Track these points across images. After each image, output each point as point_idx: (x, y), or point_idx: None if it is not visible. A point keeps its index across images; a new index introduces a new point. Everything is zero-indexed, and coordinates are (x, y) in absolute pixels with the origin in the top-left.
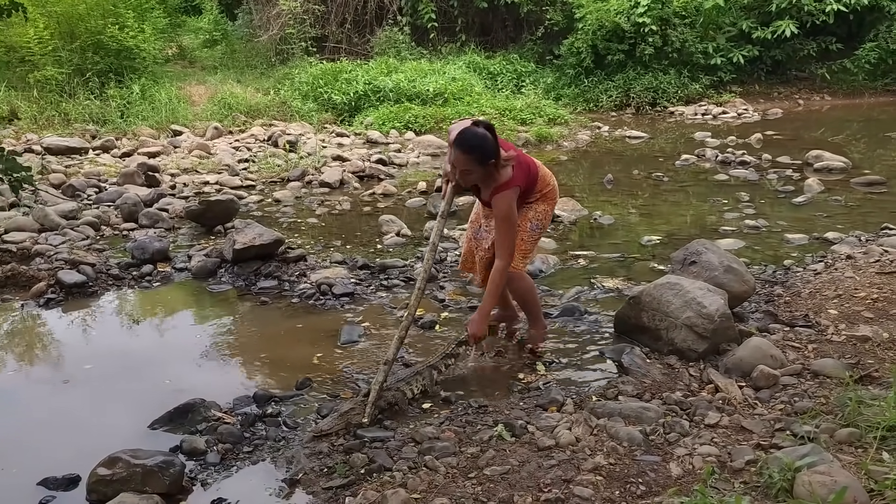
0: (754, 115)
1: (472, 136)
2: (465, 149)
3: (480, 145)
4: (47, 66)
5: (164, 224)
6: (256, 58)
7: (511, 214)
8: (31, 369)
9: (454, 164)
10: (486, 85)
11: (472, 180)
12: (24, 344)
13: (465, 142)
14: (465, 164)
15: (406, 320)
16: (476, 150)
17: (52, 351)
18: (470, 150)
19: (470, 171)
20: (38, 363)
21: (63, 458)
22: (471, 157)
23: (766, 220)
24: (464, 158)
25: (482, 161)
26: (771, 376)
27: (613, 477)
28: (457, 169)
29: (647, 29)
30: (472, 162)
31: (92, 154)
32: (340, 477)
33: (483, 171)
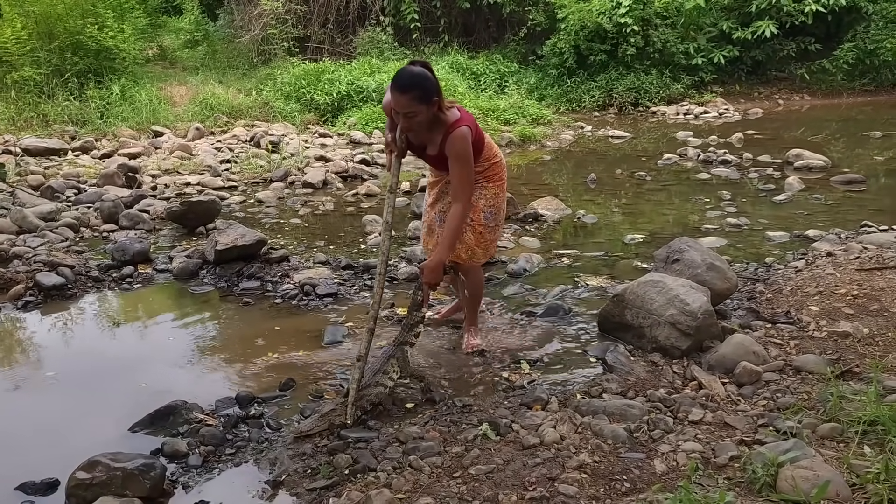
0: (735, 114)
1: (409, 73)
2: (404, 87)
3: (420, 82)
4: (25, 66)
5: (145, 225)
6: (238, 58)
7: (467, 152)
8: (8, 373)
9: (396, 109)
10: (470, 85)
11: (419, 125)
12: (1, 348)
13: (402, 80)
14: (407, 105)
15: (373, 310)
16: (416, 87)
17: (31, 354)
18: (410, 87)
19: (414, 112)
20: (16, 367)
21: (42, 462)
22: (412, 96)
23: (747, 218)
24: (405, 99)
25: (425, 98)
26: (753, 372)
27: (598, 474)
28: (399, 115)
29: (629, 29)
30: (415, 101)
31: (71, 155)
32: (324, 478)
33: (427, 112)
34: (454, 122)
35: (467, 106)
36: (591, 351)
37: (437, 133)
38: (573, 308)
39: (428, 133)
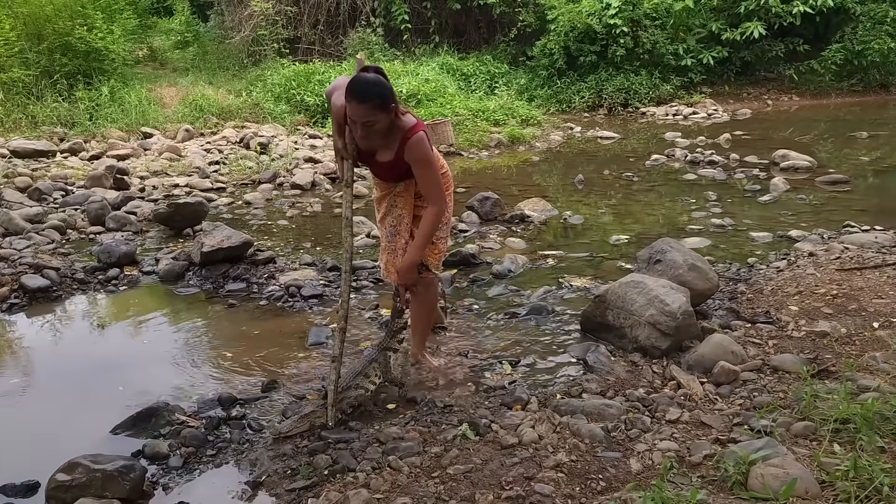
0: (724, 115)
1: (366, 81)
2: (363, 95)
3: (379, 90)
4: (14, 67)
5: (132, 227)
6: (228, 59)
7: (430, 154)
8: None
9: (353, 119)
10: (460, 86)
11: (377, 133)
12: None
13: (360, 89)
14: (366, 114)
15: (342, 309)
16: (375, 95)
17: (14, 356)
18: (368, 96)
19: (373, 121)
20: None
21: (22, 464)
22: (371, 105)
23: (732, 218)
24: (364, 109)
25: (383, 106)
26: (731, 372)
27: (574, 473)
28: (356, 125)
29: (619, 30)
30: (374, 109)
31: (60, 157)
32: (304, 478)
33: (386, 120)
34: (411, 128)
35: (457, 107)
36: (572, 351)
37: (393, 139)
38: (556, 309)
39: (382, 139)
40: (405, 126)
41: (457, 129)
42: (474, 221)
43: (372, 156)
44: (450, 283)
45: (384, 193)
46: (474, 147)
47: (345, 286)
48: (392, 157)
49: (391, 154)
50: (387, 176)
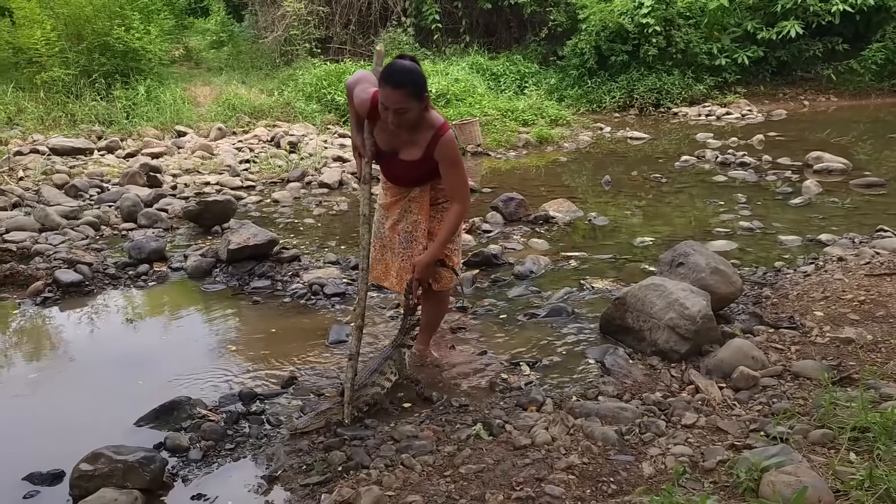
0: (758, 116)
1: (403, 67)
2: (399, 81)
3: (415, 77)
4: (54, 67)
5: (163, 224)
6: (261, 59)
7: (460, 155)
8: (23, 366)
9: (386, 105)
10: (489, 86)
11: (406, 124)
12: (18, 342)
13: (396, 75)
14: (400, 100)
15: (358, 307)
16: (410, 82)
17: (46, 348)
18: (404, 82)
19: (406, 108)
20: (32, 360)
21: (49, 453)
22: (406, 91)
23: (761, 221)
24: (398, 95)
25: (418, 94)
26: (751, 377)
27: (586, 476)
28: (388, 112)
29: (651, 30)
30: (408, 97)
31: (97, 155)
32: (318, 474)
33: (418, 109)
34: (442, 126)
35: (486, 107)
36: (590, 353)
37: (421, 134)
38: (576, 310)
39: (408, 135)
40: (435, 123)
41: (485, 129)
42: (498, 222)
43: (394, 155)
44: (471, 284)
45: (397, 198)
46: (502, 147)
47: (362, 284)
48: (420, 154)
49: (419, 152)
50: (404, 178)
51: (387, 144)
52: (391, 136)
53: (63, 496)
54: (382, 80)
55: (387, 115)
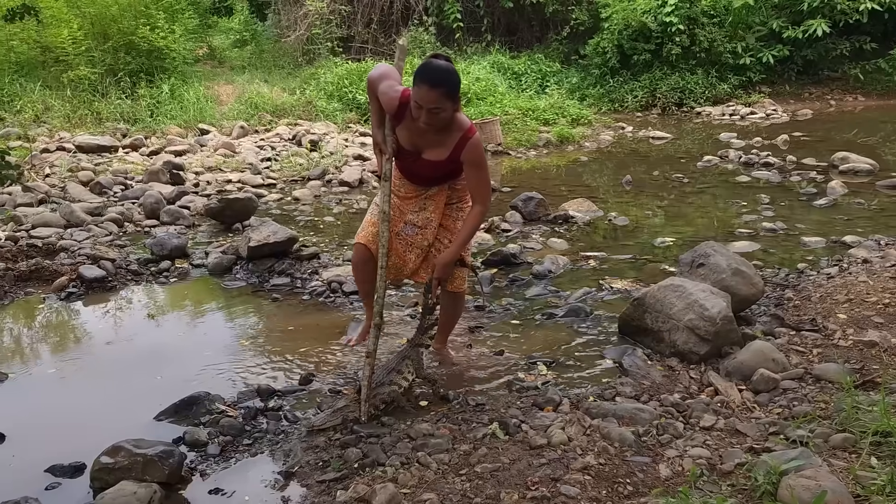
0: (783, 115)
1: (440, 67)
2: (435, 81)
3: (451, 77)
4: (81, 65)
5: (185, 221)
6: (284, 58)
7: (485, 158)
8: (47, 360)
9: (420, 104)
10: (510, 85)
11: (438, 123)
12: (42, 336)
13: (434, 74)
14: (435, 100)
15: (376, 305)
16: (447, 82)
17: (69, 343)
18: (441, 82)
19: (440, 108)
20: (55, 354)
21: (71, 446)
22: (442, 92)
23: (784, 222)
24: (434, 94)
25: (453, 94)
26: (771, 380)
27: (602, 477)
28: (421, 111)
29: (675, 28)
30: (443, 97)
31: (121, 152)
32: (334, 471)
33: (451, 110)
34: (470, 128)
35: (507, 106)
36: (608, 354)
37: (449, 135)
38: (595, 310)
39: (436, 135)
40: (463, 125)
41: (505, 128)
42: (517, 221)
43: (418, 154)
44: (489, 283)
45: (414, 195)
46: (522, 146)
47: (380, 282)
48: (446, 155)
49: (445, 152)
50: (425, 178)
51: (411, 143)
52: (418, 135)
53: (84, 488)
54: (418, 78)
55: (420, 114)
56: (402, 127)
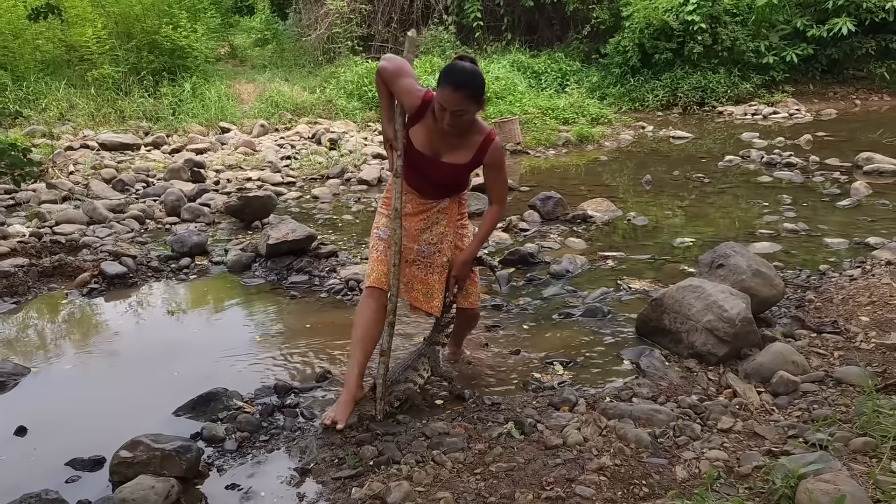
0: (807, 115)
1: (466, 69)
2: (462, 83)
3: (477, 79)
4: (105, 64)
5: (205, 219)
6: (304, 57)
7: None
8: (68, 355)
9: (444, 106)
10: (530, 84)
11: (462, 125)
12: (64, 331)
13: (461, 76)
14: (460, 103)
15: (390, 303)
16: (473, 84)
17: (90, 338)
18: (467, 84)
19: (464, 111)
20: (76, 349)
21: (91, 440)
22: (467, 94)
23: (806, 223)
24: (459, 97)
25: (478, 97)
26: (791, 382)
27: (617, 478)
28: (445, 113)
29: (697, 27)
30: (468, 99)
31: (143, 150)
32: (349, 468)
33: (475, 113)
34: (491, 131)
35: (526, 105)
36: (625, 354)
37: (471, 138)
38: (612, 311)
39: (456, 139)
40: (484, 129)
41: (525, 127)
42: (536, 220)
43: (435, 158)
44: (507, 282)
45: (423, 210)
46: (542, 146)
47: (394, 280)
48: (468, 159)
49: (467, 156)
50: (438, 186)
51: (429, 147)
52: (437, 138)
53: (103, 482)
54: (443, 80)
55: (443, 117)
56: (419, 129)
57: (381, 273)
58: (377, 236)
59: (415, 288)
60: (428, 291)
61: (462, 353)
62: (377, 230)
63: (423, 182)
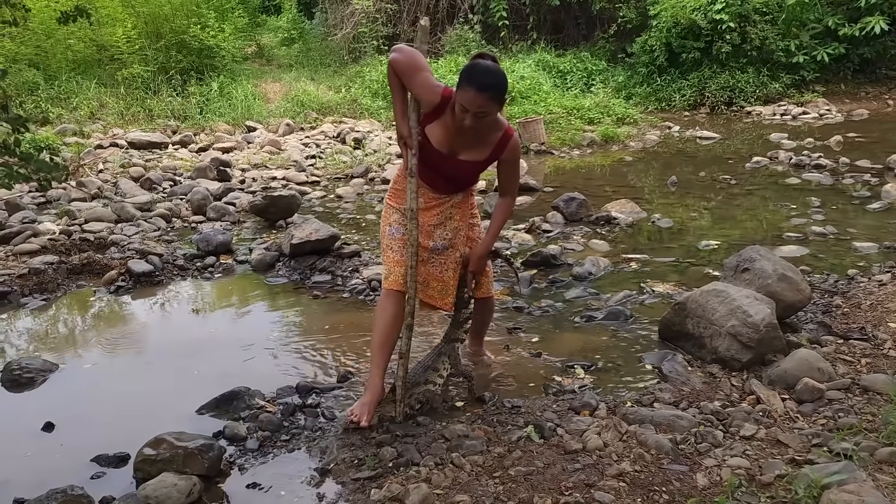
0: (837, 115)
1: (489, 69)
2: (486, 85)
3: (501, 80)
4: (134, 64)
5: (230, 217)
6: (330, 56)
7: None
8: (95, 352)
9: (466, 107)
10: (555, 83)
11: (484, 125)
12: (92, 328)
13: (485, 77)
14: (483, 104)
15: (408, 305)
16: (496, 86)
17: (117, 336)
18: (491, 86)
19: (487, 112)
20: (103, 346)
21: (116, 436)
22: (491, 95)
23: (835, 226)
24: (483, 98)
25: (501, 98)
26: (816, 390)
27: (637, 484)
28: (466, 114)
29: (725, 26)
30: (491, 101)
31: (171, 149)
32: (369, 469)
33: (497, 113)
34: (509, 127)
35: (551, 105)
36: (647, 358)
37: (490, 138)
38: (635, 314)
39: (475, 137)
40: (503, 125)
41: (549, 127)
42: (559, 222)
43: (452, 156)
44: (528, 284)
45: (436, 204)
46: (566, 146)
47: (411, 281)
48: (486, 155)
49: (485, 152)
50: (454, 182)
51: (446, 145)
52: (456, 136)
53: (127, 478)
54: (465, 81)
55: (464, 117)
56: (437, 126)
57: (400, 275)
58: (390, 234)
59: (430, 286)
60: (443, 289)
61: (483, 355)
62: (390, 227)
63: (437, 177)
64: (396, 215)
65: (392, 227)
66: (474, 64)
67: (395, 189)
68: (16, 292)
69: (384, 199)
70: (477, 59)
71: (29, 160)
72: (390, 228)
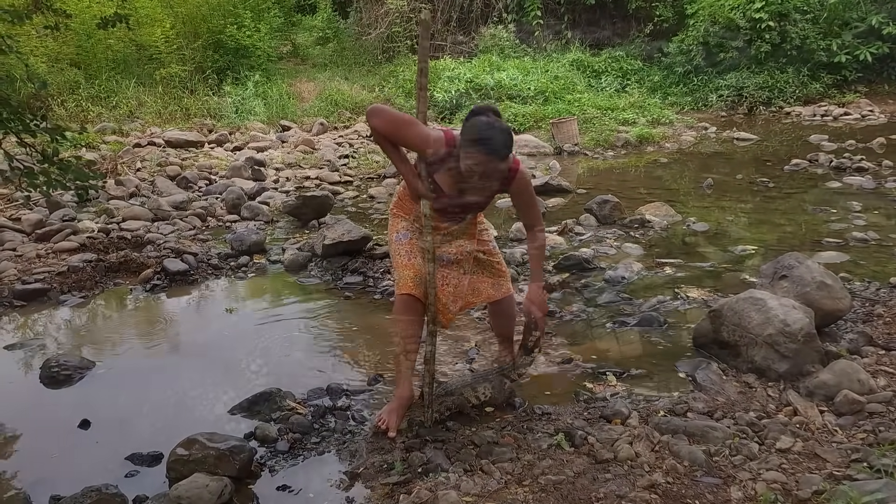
0: (880, 116)
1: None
2: (496, 150)
3: (507, 142)
4: (172, 63)
5: (264, 217)
6: (364, 55)
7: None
8: (131, 350)
9: (474, 170)
10: (590, 83)
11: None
12: (128, 326)
13: (494, 142)
14: (493, 167)
15: (429, 311)
16: (504, 147)
17: (152, 334)
18: (498, 149)
19: (495, 171)
20: (139, 345)
21: (150, 435)
22: (500, 157)
23: (877, 232)
24: (493, 162)
25: (508, 157)
26: (856, 402)
27: (669, 496)
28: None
29: (764, 25)
30: (500, 161)
31: (207, 147)
32: (398, 474)
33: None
34: (511, 167)
35: (585, 104)
36: (681, 366)
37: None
38: (669, 320)
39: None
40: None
41: (583, 127)
42: (591, 224)
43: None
44: (560, 288)
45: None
46: (600, 146)
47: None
48: (494, 189)
49: (492, 188)
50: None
51: (455, 188)
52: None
53: (160, 477)
54: (471, 145)
55: (472, 175)
56: (445, 174)
57: (409, 279)
58: (397, 240)
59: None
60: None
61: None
62: (397, 233)
63: (446, 211)
64: (404, 223)
65: (399, 234)
66: (479, 125)
67: (400, 204)
68: (55, 290)
69: (389, 211)
70: (476, 114)
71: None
72: (397, 235)
